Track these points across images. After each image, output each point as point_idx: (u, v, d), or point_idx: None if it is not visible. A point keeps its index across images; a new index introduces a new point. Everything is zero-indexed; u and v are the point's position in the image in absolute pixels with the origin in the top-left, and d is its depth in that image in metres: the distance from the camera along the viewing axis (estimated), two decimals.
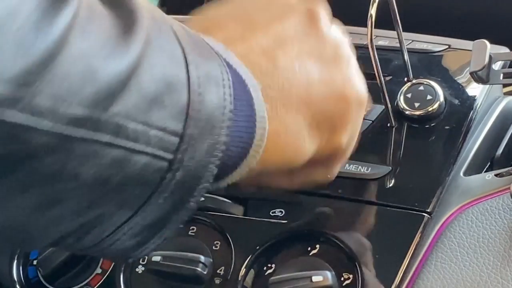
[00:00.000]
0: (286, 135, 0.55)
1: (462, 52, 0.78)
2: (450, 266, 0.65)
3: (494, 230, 0.66)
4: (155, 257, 0.68)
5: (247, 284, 0.67)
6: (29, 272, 0.72)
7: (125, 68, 0.44)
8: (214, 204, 0.71)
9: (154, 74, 0.46)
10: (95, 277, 0.70)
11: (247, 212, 0.71)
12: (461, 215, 0.67)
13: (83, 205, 0.47)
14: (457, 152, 0.71)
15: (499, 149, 0.76)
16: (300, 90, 0.55)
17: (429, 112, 0.72)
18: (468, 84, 0.75)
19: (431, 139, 0.72)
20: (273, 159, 0.55)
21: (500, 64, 0.70)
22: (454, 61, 0.78)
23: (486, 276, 0.63)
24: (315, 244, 0.68)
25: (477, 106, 0.74)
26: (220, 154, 0.50)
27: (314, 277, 0.64)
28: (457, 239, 0.66)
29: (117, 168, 0.45)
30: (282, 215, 0.70)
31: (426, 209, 0.68)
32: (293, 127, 0.55)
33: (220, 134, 0.50)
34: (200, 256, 0.68)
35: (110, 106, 0.43)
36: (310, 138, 0.57)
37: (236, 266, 0.67)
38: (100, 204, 0.47)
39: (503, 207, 0.67)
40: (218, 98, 0.50)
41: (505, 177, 0.69)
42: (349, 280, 0.66)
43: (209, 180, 0.50)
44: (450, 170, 0.70)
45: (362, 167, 0.70)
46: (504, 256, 0.64)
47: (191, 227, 0.71)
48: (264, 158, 0.54)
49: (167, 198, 0.48)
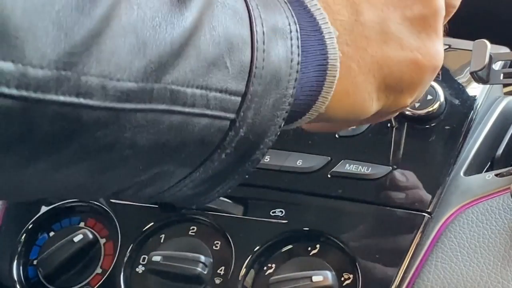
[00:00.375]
0: (355, 96, 0.53)
1: (462, 52, 0.78)
2: (450, 266, 0.65)
3: (494, 230, 0.66)
4: (155, 257, 0.68)
5: (247, 284, 0.67)
6: (29, 272, 0.72)
7: (180, 35, 0.43)
8: (214, 204, 0.71)
9: (214, 36, 0.45)
10: (95, 277, 0.70)
11: (247, 212, 0.71)
12: (461, 215, 0.67)
13: (140, 167, 0.46)
14: (457, 152, 0.71)
15: (499, 149, 0.76)
16: (377, 50, 0.53)
17: (429, 112, 0.72)
18: (468, 84, 0.75)
19: (431, 139, 0.72)
20: (338, 114, 0.54)
21: (500, 64, 0.70)
22: (454, 61, 0.78)
23: (486, 276, 0.63)
24: (315, 244, 0.68)
25: (477, 106, 0.74)
26: (287, 107, 0.49)
27: (314, 277, 0.64)
28: (457, 239, 0.66)
29: (176, 132, 0.44)
30: (282, 215, 0.70)
31: (426, 209, 0.68)
32: (362, 88, 0.53)
33: (288, 87, 0.48)
34: (200, 256, 0.68)
35: (163, 76, 0.42)
36: (377, 100, 0.55)
37: (236, 266, 0.67)
38: (158, 165, 0.46)
39: (503, 207, 0.67)
40: (285, 51, 0.48)
41: (505, 177, 0.69)
42: (349, 280, 0.66)
43: (276, 133, 0.49)
44: (450, 170, 0.70)
45: (362, 167, 0.70)
46: (504, 256, 0.64)
47: (191, 227, 0.71)
48: (330, 113, 0.53)
49: (230, 154, 0.47)
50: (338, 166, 0.71)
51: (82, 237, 0.70)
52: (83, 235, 0.71)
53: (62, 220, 0.74)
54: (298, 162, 0.72)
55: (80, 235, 0.70)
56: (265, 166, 0.72)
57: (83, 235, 0.71)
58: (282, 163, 0.72)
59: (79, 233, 0.71)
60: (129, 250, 0.70)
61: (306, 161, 0.72)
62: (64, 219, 0.74)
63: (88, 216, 0.73)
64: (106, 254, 0.71)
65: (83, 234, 0.71)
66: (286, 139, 0.74)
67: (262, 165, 0.72)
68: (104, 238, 0.72)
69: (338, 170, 0.71)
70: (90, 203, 0.73)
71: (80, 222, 0.73)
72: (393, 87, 0.55)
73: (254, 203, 0.71)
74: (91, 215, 0.73)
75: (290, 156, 0.72)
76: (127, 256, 0.70)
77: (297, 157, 0.72)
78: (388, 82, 0.54)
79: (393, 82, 0.54)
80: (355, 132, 0.73)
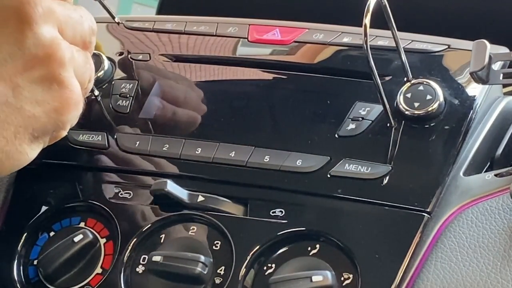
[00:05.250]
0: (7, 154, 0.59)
1: (462, 52, 0.78)
2: (450, 266, 0.65)
3: (494, 230, 0.66)
4: (156, 257, 0.68)
5: (247, 284, 0.67)
6: (29, 272, 0.72)
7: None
8: (214, 204, 0.71)
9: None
10: (95, 277, 0.70)
11: (247, 212, 0.71)
12: (461, 215, 0.67)
13: None
14: (457, 152, 0.71)
15: (499, 149, 0.76)
16: (16, 116, 0.59)
17: (429, 112, 0.72)
18: (468, 84, 0.76)
19: (430, 139, 0.72)
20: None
21: (500, 64, 0.70)
22: (454, 61, 0.78)
23: (486, 276, 0.64)
24: (315, 244, 0.68)
25: (477, 106, 0.74)
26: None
27: (314, 277, 0.64)
28: (457, 239, 0.66)
29: None
30: (282, 215, 0.70)
31: (426, 209, 0.68)
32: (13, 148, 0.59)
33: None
34: (200, 256, 0.68)
35: None
36: (32, 149, 0.61)
37: (236, 266, 0.67)
38: None
39: (503, 207, 0.67)
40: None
41: (505, 177, 0.69)
42: (349, 280, 0.66)
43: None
44: (450, 170, 0.70)
45: (361, 167, 0.71)
46: (504, 256, 0.64)
47: (191, 227, 0.71)
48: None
49: None
50: (338, 166, 0.71)
51: (82, 237, 0.71)
52: (83, 235, 0.71)
53: (62, 220, 0.74)
54: (298, 162, 0.72)
55: (80, 235, 0.71)
56: (265, 166, 0.72)
57: (83, 235, 0.71)
58: (282, 163, 0.72)
59: (79, 233, 0.71)
60: (129, 250, 0.70)
61: (306, 161, 0.72)
62: (64, 219, 0.74)
63: (88, 216, 0.73)
64: (106, 254, 0.71)
65: (83, 234, 0.71)
66: (286, 139, 0.74)
67: (262, 165, 0.72)
68: (104, 238, 0.72)
69: (338, 170, 0.71)
70: (90, 203, 0.74)
71: (80, 222, 0.73)
72: (47, 133, 0.61)
73: (254, 203, 0.71)
74: (91, 215, 0.73)
75: (290, 156, 0.72)
76: (127, 256, 0.70)
77: (297, 157, 0.72)
78: (39, 134, 0.60)
79: (45, 132, 0.61)
80: (355, 132, 0.73)
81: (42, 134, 0.61)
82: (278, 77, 0.80)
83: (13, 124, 0.58)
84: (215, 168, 0.73)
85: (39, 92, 0.59)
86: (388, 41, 0.78)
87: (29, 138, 0.60)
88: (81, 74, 0.63)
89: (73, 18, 0.63)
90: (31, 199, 0.75)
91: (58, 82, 0.60)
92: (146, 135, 0.76)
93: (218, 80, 0.82)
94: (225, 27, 0.84)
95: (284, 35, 0.82)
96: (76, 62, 0.62)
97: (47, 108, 0.60)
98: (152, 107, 0.78)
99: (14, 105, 0.58)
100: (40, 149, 0.62)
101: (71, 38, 0.62)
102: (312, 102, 0.76)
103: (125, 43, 0.85)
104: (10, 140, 0.58)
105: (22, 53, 0.58)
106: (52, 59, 0.60)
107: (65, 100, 0.61)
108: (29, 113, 0.59)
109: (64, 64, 0.60)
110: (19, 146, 0.59)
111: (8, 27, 0.58)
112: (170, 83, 0.81)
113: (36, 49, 0.59)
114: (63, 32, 0.61)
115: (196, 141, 0.75)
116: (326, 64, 0.80)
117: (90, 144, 0.76)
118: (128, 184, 0.74)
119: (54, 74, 0.60)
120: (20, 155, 0.60)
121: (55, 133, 0.62)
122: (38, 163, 0.65)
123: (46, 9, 0.59)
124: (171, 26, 0.86)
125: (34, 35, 0.59)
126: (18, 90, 0.58)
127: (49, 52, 0.59)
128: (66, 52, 0.60)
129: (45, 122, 0.60)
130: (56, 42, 0.60)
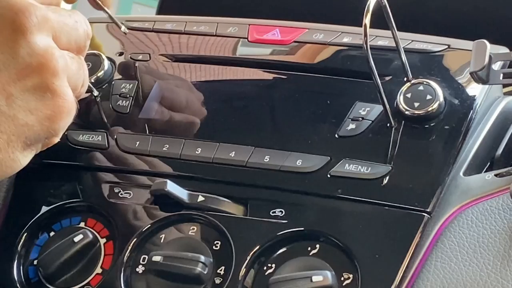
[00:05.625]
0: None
1: (462, 52, 0.78)
2: (450, 266, 0.65)
3: (494, 230, 0.66)
4: (156, 257, 0.68)
5: (247, 284, 0.67)
6: (29, 272, 0.72)
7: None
8: (214, 204, 0.71)
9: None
10: (95, 277, 0.70)
11: (247, 212, 0.71)
12: (461, 215, 0.67)
13: None
14: (457, 152, 0.71)
15: (499, 149, 0.76)
16: (9, 125, 0.59)
17: (429, 112, 0.72)
18: (468, 84, 0.76)
19: (430, 139, 0.72)
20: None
21: (500, 64, 0.70)
22: (454, 61, 0.78)
23: (486, 276, 0.64)
24: (315, 244, 0.68)
25: (477, 106, 0.74)
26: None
27: (314, 277, 0.64)
28: (457, 239, 0.66)
29: None
30: (282, 215, 0.70)
31: (426, 209, 0.68)
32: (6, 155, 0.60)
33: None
34: (200, 256, 0.68)
35: None
36: (24, 156, 0.61)
37: (236, 266, 0.67)
38: None
39: (503, 207, 0.67)
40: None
41: (505, 177, 0.69)
42: (349, 280, 0.66)
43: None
44: (450, 170, 0.70)
45: (362, 167, 0.71)
46: (504, 256, 0.64)
47: (191, 227, 0.71)
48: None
49: None
50: (338, 166, 0.71)
51: (82, 237, 0.70)
52: (83, 235, 0.71)
53: (62, 220, 0.74)
54: (298, 162, 0.72)
55: (80, 235, 0.71)
56: (265, 166, 0.72)
57: (83, 235, 0.71)
58: (282, 163, 0.72)
59: (79, 233, 0.71)
60: (129, 250, 0.70)
61: (306, 161, 0.72)
62: (64, 219, 0.74)
63: (88, 216, 0.73)
64: (106, 254, 0.71)
65: (83, 234, 0.71)
66: (286, 139, 0.74)
67: (262, 165, 0.72)
68: (104, 238, 0.72)
69: (338, 170, 0.71)
70: (90, 203, 0.74)
71: (80, 222, 0.73)
72: (39, 141, 0.62)
73: (254, 203, 0.71)
74: (91, 215, 0.73)
75: (290, 156, 0.72)
76: (127, 256, 0.70)
77: (297, 157, 0.72)
78: (32, 142, 0.61)
79: (37, 139, 0.61)
80: (355, 132, 0.73)
81: (35, 141, 0.61)
82: (278, 77, 0.80)
83: (6, 133, 0.59)
84: (215, 168, 0.73)
85: (32, 101, 0.60)
86: (388, 41, 0.78)
87: (22, 146, 0.60)
88: (74, 80, 0.63)
89: (68, 24, 0.63)
90: (31, 199, 0.75)
91: (51, 91, 0.60)
92: (146, 135, 0.76)
93: (218, 80, 0.82)
94: (225, 27, 0.84)
95: (284, 35, 0.82)
96: (69, 69, 0.62)
97: (40, 117, 0.60)
98: (152, 107, 0.78)
99: (7, 114, 0.59)
100: (33, 155, 0.62)
101: (66, 44, 0.63)
102: (312, 102, 0.76)
103: (125, 43, 0.85)
104: (3, 148, 0.59)
105: (15, 62, 0.59)
106: (45, 68, 0.60)
107: (58, 108, 0.61)
108: (22, 121, 0.59)
109: (57, 73, 0.60)
110: (12, 154, 0.60)
111: (1, 36, 0.58)
112: (170, 83, 0.81)
113: (30, 58, 0.59)
114: (58, 39, 0.61)
115: (196, 141, 0.75)
116: (326, 64, 0.80)
117: (90, 144, 0.76)
118: (128, 184, 0.74)
119: (47, 83, 0.60)
120: (12, 162, 0.60)
121: (47, 140, 0.63)
122: (38, 163, 0.65)
123: (40, 18, 0.59)
124: (171, 26, 0.86)
125: (27, 44, 0.59)
126: (11, 99, 0.59)
127: (43, 61, 0.59)
128: (60, 61, 0.61)
129: (38, 130, 0.60)
130: (50, 51, 0.60)
